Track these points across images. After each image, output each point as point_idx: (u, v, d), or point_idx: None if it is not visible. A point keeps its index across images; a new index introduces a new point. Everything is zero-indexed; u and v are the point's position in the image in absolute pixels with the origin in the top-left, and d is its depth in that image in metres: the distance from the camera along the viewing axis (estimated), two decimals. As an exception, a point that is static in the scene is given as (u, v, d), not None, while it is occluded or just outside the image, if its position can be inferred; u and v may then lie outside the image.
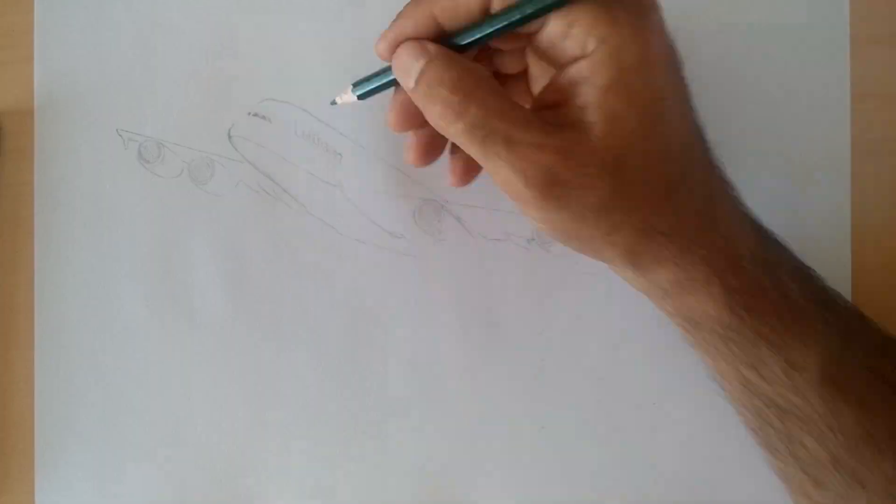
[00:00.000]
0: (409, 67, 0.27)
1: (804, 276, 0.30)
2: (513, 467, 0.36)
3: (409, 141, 0.32)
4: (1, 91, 0.37)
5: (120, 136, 0.37)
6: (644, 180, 0.26)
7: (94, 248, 0.37)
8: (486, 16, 0.27)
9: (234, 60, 0.37)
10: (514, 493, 0.36)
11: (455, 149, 0.33)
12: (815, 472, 0.30)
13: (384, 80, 0.30)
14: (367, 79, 0.30)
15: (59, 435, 0.36)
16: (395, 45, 0.28)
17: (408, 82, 0.27)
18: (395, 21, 0.28)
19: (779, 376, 0.28)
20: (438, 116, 0.26)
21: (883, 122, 0.36)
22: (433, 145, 0.32)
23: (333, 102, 0.32)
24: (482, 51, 0.30)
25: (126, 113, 0.37)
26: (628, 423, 0.36)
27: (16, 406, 0.37)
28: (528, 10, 0.26)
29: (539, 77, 0.30)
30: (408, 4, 0.28)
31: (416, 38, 0.27)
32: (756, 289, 0.28)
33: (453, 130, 0.26)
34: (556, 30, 0.26)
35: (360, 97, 0.31)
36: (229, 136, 0.37)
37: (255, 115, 0.37)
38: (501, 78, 0.32)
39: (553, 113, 0.26)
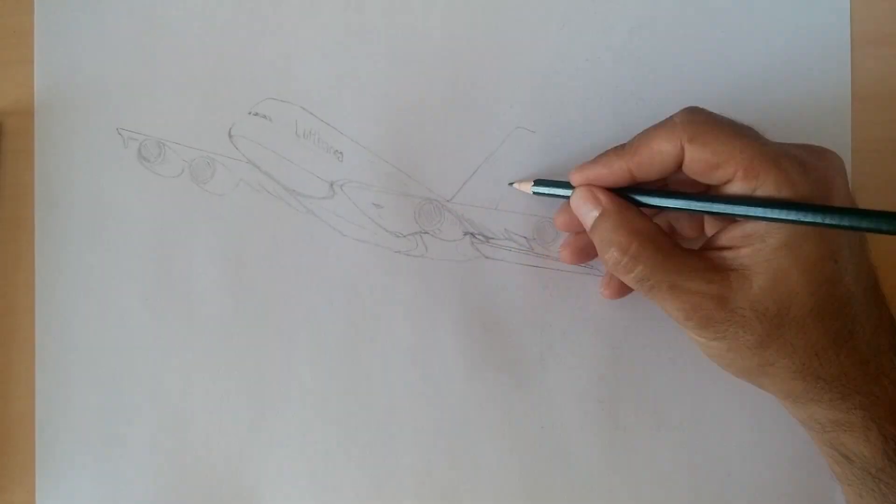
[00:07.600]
0: (586, 212, 0.31)
1: None
2: (513, 467, 0.36)
3: (567, 240, 0.35)
4: (1, 91, 0.37)
5: (120, 135, 0.37)
6: (804, 330, 0.28)
7: (94, 248, 0.37)
8: (676, 191, 0.30)
9: (234, 60, 0.37)
10: (515, 493, 0.36)
11: None
12: None
13: (561, 195, 0.33)
14: (550, 185, 0.34)
15: (59, 435, 0.36)
16: (587, 182, 0.31)
17: (585, 223, 0.31)
18: (596, 159, 0.31)
19: None
20: (610, 266, 0.30)
21: (883, 122, 0.36)
22: (588, 251, 0.35)
23: (511, 184, 0.36)
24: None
25: (126, 112, 0.37)
26: (628, 423, 0.36)
27: (16, 406, 0.37)
28: (718, 209, 0.29)
29: (712, 220, 0.33)
30: (611, 150, 0.31)
31: (598, 187, 0.31)
32: None
33: (623, 279, 0.30)
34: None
35: (535, 194, 0.35)
36: (230, 136, 0.37)
37: (256, 114, 0.37)
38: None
39: (720, 255, 0.29)
